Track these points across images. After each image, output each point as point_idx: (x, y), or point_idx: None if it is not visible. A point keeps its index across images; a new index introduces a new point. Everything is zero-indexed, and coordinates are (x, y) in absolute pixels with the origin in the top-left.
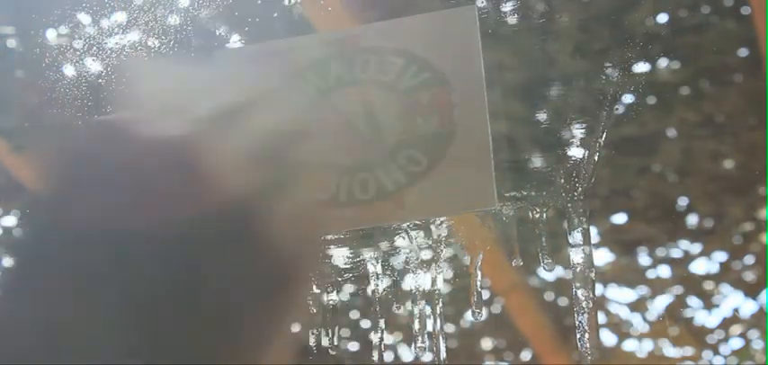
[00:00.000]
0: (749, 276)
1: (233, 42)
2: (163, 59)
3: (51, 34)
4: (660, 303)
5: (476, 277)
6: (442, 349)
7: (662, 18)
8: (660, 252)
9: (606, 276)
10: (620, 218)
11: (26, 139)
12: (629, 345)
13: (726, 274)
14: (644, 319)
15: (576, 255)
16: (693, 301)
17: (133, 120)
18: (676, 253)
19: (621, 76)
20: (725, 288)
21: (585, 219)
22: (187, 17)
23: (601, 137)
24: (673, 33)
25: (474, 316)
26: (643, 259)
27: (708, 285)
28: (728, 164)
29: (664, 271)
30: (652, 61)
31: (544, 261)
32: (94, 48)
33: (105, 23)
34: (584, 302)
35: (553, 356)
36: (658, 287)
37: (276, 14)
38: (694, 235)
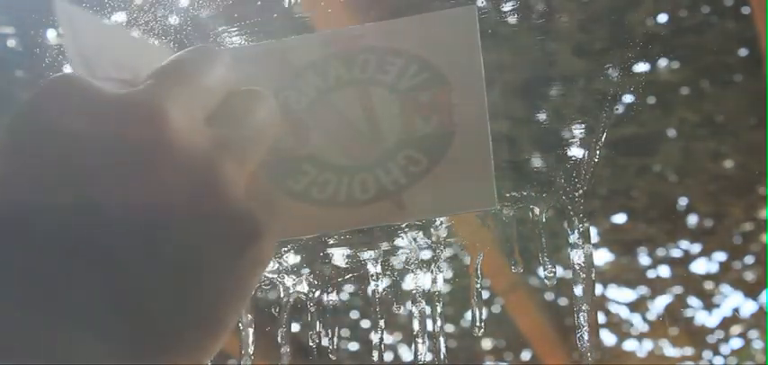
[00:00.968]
0: (749, 276)
1: (233, 42)
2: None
3: (51, 34)
4: (660, 303)
5: (475, 297)
6: (442, 349)
7: (662, 18)
8: (660, 252)
9: (606, 276)
10: (620, 218)
11: None
12: (629, 345)
13: (726, 274)
14: (644, 319)
15: (576, 255)
16: (693, 301)
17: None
18: (676, 253)
19: (621, 76)
20: (725, 288)
21: (585, 219)
22: (187, 17)
23: (601, 137)
24: (673, 33)
25: (476, 331)
26: (643, 259)
27: (708, 285)
28: (728, 164)
29: (664, 271)
30: (652, 61)
31: (546, 272)
32: None
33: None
34: (584, 302)
35: (553, 356)
36: (658, 287)
37: (276, 14)
38: (694, 235)
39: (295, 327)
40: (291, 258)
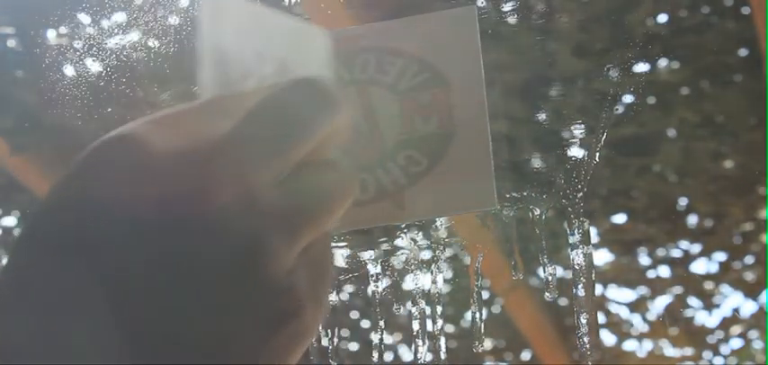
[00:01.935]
0: (749, 276)
1: None
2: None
3: (51, 34)
4: (660, 303)
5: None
6: (442, 349)
7: (662, 18)
8: (660, 252)
9: (606, 276)
10: (620, 218)
11: (26, 139)
12: (629, 345)
13: (726, 274)
14: (644, 319)
15: (576, 256)
16: (693, 301)
17: (148, 134)
18: (676, 253)
19: (621, 76)
20: (725, 288)
21: (585, 220)
22: (187, 17)
23: (601, 137)
24: (673, 33)
25: (477, 347)
26: (643, 259)
27: (708, 285)
28: (728, 164)
29: (664, 271)
30: (652, 61)
31: (548, 288)
32: (94, 48)
33: (105, 23)
34: (584, 302)
35: (553, 356)
36: (658, 287)
37: None
38: (694, 235)
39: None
40: None
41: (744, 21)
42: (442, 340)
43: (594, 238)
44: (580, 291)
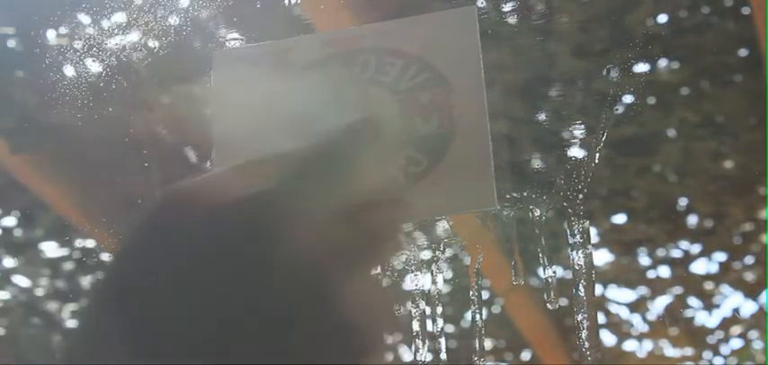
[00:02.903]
0: (749, 276)
1: (233, 42)
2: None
3: (51, 34)
4: (660, 303)
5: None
6: (443, 349)
7: (662, 18)
8: (660, 252)
9: (606, 276)
10: (620, 218)
11: (26, 139)
12: (629, 345)
13: (726, 274)
14: (644, 319)
15: (576, 256)
16: (693, 301)
17: (206, 188)
18: (676, 253)
19: (621, 76)
20: (725, 288)
21: (585, 220)
22: (187, 17)
23: (601, 137)
24: (673, 33)
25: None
26: (643, 259)
27: (708, 285)
28: (728, 164)
29: (664, 271)
30: (652, 61)
31: (550, 299)
32: (94, 48)
33: (105, 24)
34: (584, 302)
35: (553, 356)
36: (658, 287)
37: (276, 14)
38: (694, 235)
39: None
40: None
41: (744, 21)
42: (442, 340)
43: (594, 238)
44: (580, 291)
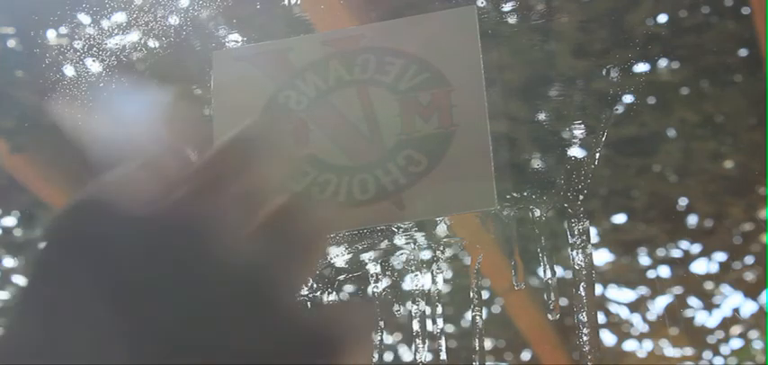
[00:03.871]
0: (749, 276)
1: (233, 42)
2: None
3: (51, 34)
4: (660, 303)
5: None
6: (443, 349)
7: (662, 18)
8: (660, 252)
9: (606, 276)
10: (620, 218)
11: (26, 139)
12: (629, 345)
13: (726, 274)
14: (644, 319)
15: (576, 255)
16: (693, 301)
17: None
18: (676, 253)
19: (621, 76)
20: (725, 288)
21: (585, 220)
22: (187, 17)
23: (601, 137)
24: (673, 33)
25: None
26: (643, 259)
27: (708, 285)
28: (728, 164)
29: (664, 271)
30: (652, 61)
31: (550, 311)
32: (94, 48)
33: (105, 24)
34: (584, 302)
35: (553, 356)
36: (658, 287)
37: (276, 14)
38: (694, 235)
39: None
40: None
41: (744, 21)
42: (443, 340)
43: (594, 238)
44: (580, 291)
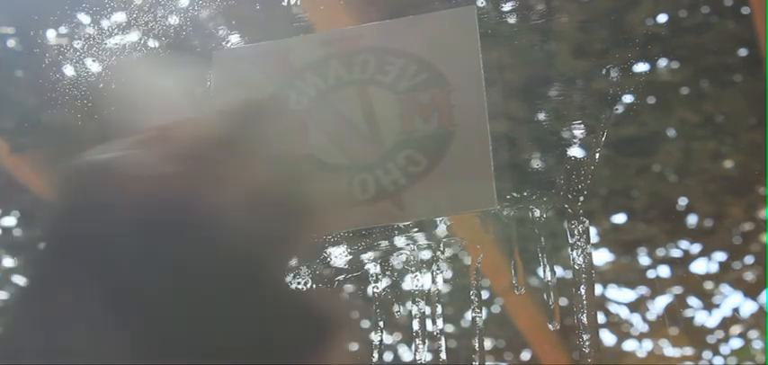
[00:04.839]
0: (749, 276)
1: (233, 42)
2: (158, 60)
3: (51, 34)
4: (660, 303)
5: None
6: (443, 349)
7: (662, 18)
8: (660, 252)
9: (606, 276)
10: (620, 218)
11: (26, 139)
12: (629, 345)
13: (726, 274)
14: (644, 319)
15: (576, 255)
16: (693, 301)
17: (123, 160)
18: (676, 253)
19: (621, 76)
20: (725, 288)
21: (585, 219)
22: (187, 17)
23: (601, 137)
24: (673, 33)
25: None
26: (643, 259)
27: (708, 285)
28: (728, 164)
29: (664, 271)
30: (652, 61)
31: (551, 321)
32: (94, 48)
33: (105, 24)
34: (584, 302)
35: (553, 356)
36: (658, 287)
37: (276, 14)
38: (694, 235)
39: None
40: None
41: (744, 21)
42: (442, 340)
43: (594, 238)
44: (580, 291)
